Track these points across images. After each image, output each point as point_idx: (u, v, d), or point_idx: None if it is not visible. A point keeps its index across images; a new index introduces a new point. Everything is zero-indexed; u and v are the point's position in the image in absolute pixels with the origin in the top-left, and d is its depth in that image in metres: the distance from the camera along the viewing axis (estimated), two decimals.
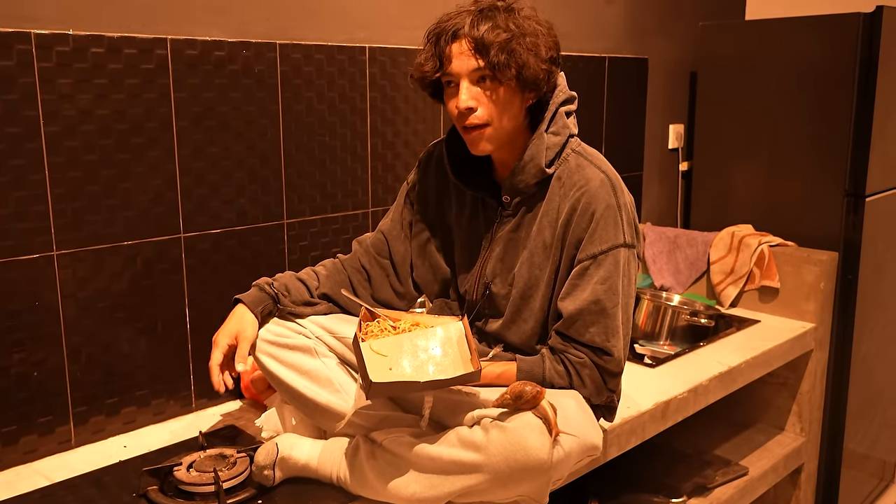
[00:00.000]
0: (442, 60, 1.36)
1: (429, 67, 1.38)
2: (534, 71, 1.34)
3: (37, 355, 1.48)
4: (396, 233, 1.59)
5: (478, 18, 1.33)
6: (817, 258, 2.32)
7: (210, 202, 1.68)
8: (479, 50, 1.32)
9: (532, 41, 1.33)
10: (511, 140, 1.42)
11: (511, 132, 1.40)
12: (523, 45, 1.32)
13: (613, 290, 1.37)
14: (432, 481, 1.26)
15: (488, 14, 1.34)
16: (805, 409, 2.36)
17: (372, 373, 1.25)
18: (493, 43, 1.31)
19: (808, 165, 2.49)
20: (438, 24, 1.38)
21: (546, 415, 1.23)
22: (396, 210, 1.61)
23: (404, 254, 1.58)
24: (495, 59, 1.31)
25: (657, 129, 2.83)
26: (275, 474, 1.37)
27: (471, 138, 1.39)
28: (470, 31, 1.33)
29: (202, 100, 1.63)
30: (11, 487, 1.41)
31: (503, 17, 1.34)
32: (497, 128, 1.37)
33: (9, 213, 1.41)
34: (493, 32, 1.31)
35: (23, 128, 1.41)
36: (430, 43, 1.38)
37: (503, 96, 1.35)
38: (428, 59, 1.38)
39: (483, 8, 1.35)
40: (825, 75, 2.42)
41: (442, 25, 1.37)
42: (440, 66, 1.37)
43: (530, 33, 1.34)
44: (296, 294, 1.50)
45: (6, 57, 1.37)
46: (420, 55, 1.40)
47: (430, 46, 1.38)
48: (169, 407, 1.69)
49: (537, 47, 1.34)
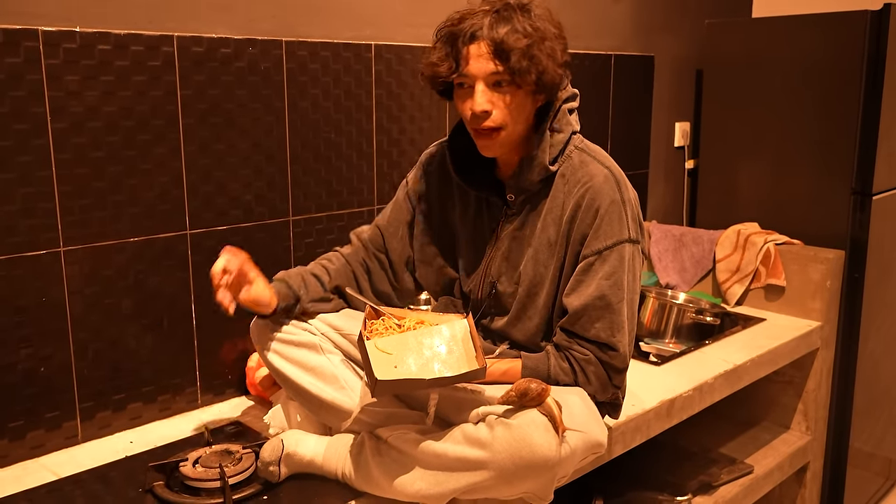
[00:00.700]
0: (458, 62, 1.34)
1: (444, 69, 1.35)
2: (552, 76, 1.33)
3: (44, 351, 1.48)
4: (393, 230, 1.58)
5: (495, 20, 1.31)
6: (824, 256, 2.32)
7: (216, 199, 1.68)
8: (499, 54, 1.30)
9: (550, 46, 1.32)
10: (519, 137, 1.42)
11: (523, 131, 1.40)
12: (543, 51, 1.31)
13: (618, 286, 1.37)
14: (437, 478, 1.26)
15: (505, 15, 1.31)
16: (811, 407, 2.35)
17: (377, 371, 1.25)
18: (513, 48, 1.29)
19: (815, 163, 2.48)
20: (451, 23, 1.35)
21: (552, 412, 1.23)
22: (396, 209, 1.59)
23: (401, 251, 1.58)
24: (517, 64, 1.29)
25: (663, 127, 2.82)
26: (280, 470, 1.37)
27: (483, 142, 1.39)
28: (489, 34, 1.30)
29: (208, 97, 1.63)
30: (19, 482, 1.41)
31: (521, 18, 1.31)
32: (510, 132, 1.37)
33: (16, 210, 1.42)
34: (514, 36, 1.29)
35: (30, 124, 1.41)
36: (445, 43, 1.35)
37: (519, 101, 1.34)
38: (443, 60, 1.35)
39: (499, 8, 1.33)
40: (832, 73, 2.41)
41: (458, 26, 1.34)
42: (456, 67, 1.34)
43: (548, 37, 1.33)
44: (313, 291, 1.49)
45: (14, 54, 1.38)
46: (433, 54, 1.37)
47: (444, 46, 1.36)
48: (175, 403, 1.69)
49: (555, 52, 1.33)
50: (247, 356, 1.78)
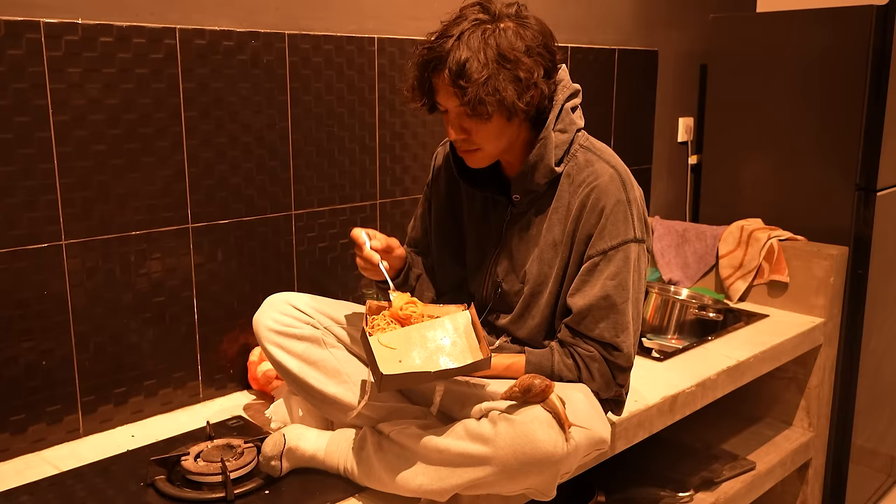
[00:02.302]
0: (429, 93, 1.35)
1: (418, 104, 1.37)
2: (514, 101, 1.28)
3: (45, 344, 1.48)
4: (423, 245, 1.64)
5: (456, 46, 1.27)
6: (827, 252, 2.31)
7: (218, 193, 1.67)
8: (457, 87, 1.27)
9: (510, 69, 1.27)
10: (511, 145, 1.41)
11: (509, 144, 1.40)
12: (502, 79, 1.26)
13: (623, 286, 1.36)
14: (439, 473, 1.26)
15: (467, 39, 1.27)
16: (813, 404, 2.35)
17: (382, 366, 1.25)
18: (468, 82, 1.25)
19: (819, 159, 2.47)
20: (427, 43, 1.32)
21: (556, 409, 1.23)
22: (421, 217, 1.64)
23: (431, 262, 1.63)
24: (473, 99, 1.26)
25: (667, 122, 2.81)
26: (282, 465, 1.37)
27: (465, 157, 1.41)
28: (450, 62, 1.27)
29: (211, 90, 1.63)
30: (20, 476, 1.41)
31: (480, 42, 1.26)
32: (488, 150, 1.38)
33: (18, 203, 1.41)
34: (471, 67, 1.25)
35: (32, 117, 1.41)
36: (418, 68, 1.35)
37: (491, 126, 1.33)
38: (415, 91, 1.36)
39: (464, 30, 1.28)
40: (837, 68, 2.40)
41: (429, 51, 1.31)
42: (428, 99, 1.36)
43: (510, 59, 1.27)
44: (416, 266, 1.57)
45: (15, 46, 1.37)
46: (409, 78, 1.38)
47: (417, 72, 1.35)
48: (177, 397, 1.69)
49: (517, 74, 1.28)
50: (248, 350, 1.78)
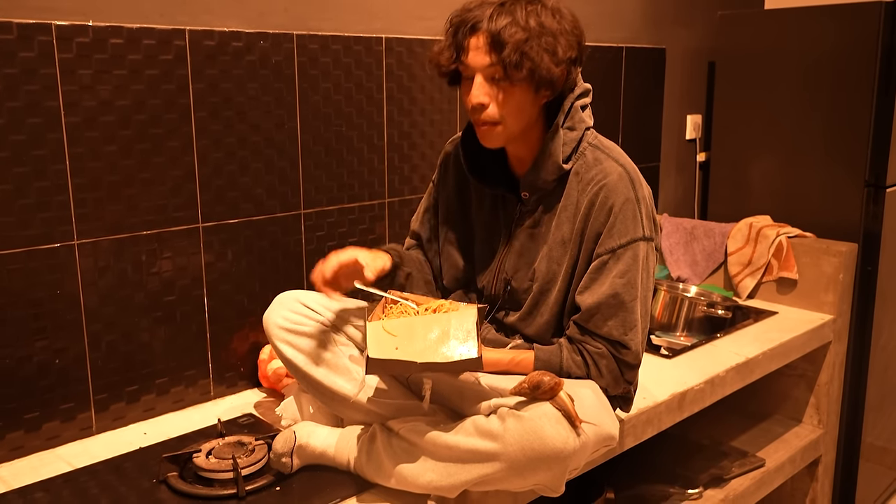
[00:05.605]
0: (458, 52, 1.35)
1: (444, 58, 1.37)
2: (548, 72, 1.31)
3: (58, 343, 1.50)
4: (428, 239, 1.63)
5: (498, 12, 1.31)
6: (836, 249, 2.30)
7: (228, 192, 1.69)
8: (494, 46, 1.30)
9: (550, 41, 1.31)
10: (525, 135, 1.41)
11: (524, 129, 1.40)
12: (540, 45, 1.30)
13: (632, 284, 1.37)
14: (449, 469, 1.27)
15: (510, 8, 1.31)
16: (823, 401, 2.34)
17: (376, 350, 1.25)
18: (507, 41, 1.29)
19: (828, 156, 2.47)
20: (462, 12, 1.36)
21: (565, 406, 1.23)
22: (426, 211, 1.64)
23: (433, 257, 1.63)
24: (508, 58, 1.29)
25: (675, 120, 2.81)
26: (292, 461, 1.38)
27: (481, 132, 1.40)
28: (488, 26, 1.31)
29: (220, 90, 1.64)
30: (35, 473, 1.43)
31: (524, 12, 1.31)
32: (509, 126, 1.37)
33: (31, 203, 1.43)
34: (511, 30, 1.29)
35: (44, 118, 1.42)
36: (450, 32, 1.37)
37: (516, 96, 1.34)
38: (444, 49, 1.37)
39: (506, 2, 1.32)
40: (845, 65, 2.39)
41: (464, 15, 1.35)
42: (456, 57, 1.36)
43: (550, 32, 1.31)
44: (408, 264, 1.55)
45: (27, 48, 1.39)
46: (439, 42, 1.39)
47: (448, 35, 1.37)
48: (188, 395, 1.70)
49: (554, 48, 1.31)
50: (259, 348, 1.79)
